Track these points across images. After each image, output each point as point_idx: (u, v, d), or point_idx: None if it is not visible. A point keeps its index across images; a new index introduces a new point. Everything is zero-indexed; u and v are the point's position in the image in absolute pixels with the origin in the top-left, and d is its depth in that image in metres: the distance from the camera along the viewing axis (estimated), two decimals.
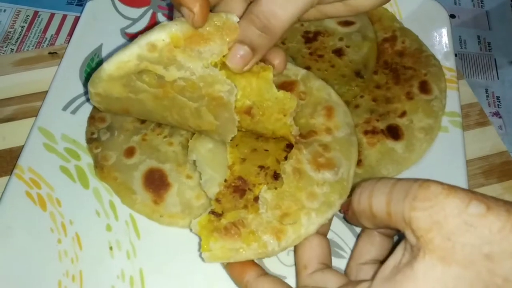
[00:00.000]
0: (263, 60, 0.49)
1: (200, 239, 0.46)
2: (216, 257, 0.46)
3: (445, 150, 0.59)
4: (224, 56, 0.46)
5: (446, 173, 0.56)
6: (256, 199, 0.48)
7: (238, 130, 0.51)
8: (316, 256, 0.46)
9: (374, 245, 0.46)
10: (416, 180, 0.37)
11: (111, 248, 0.54)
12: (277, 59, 0.50)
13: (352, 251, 0.48)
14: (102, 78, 0.48)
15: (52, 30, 0.80)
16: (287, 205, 0.47)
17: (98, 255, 0.54)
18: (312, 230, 0.46)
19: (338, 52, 0.65)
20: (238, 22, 0.46)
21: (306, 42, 0.66)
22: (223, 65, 0.47)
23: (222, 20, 0.46)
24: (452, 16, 0.85)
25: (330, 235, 0.52)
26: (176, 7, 0.46)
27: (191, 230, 0.48)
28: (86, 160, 0.60)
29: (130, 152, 0.59)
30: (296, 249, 0.48)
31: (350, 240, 0.55)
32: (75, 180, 0.59)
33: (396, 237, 0.48)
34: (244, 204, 0.48)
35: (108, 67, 0.47)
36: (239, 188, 0.49)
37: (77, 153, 0.61)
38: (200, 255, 0.46)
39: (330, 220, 0.49)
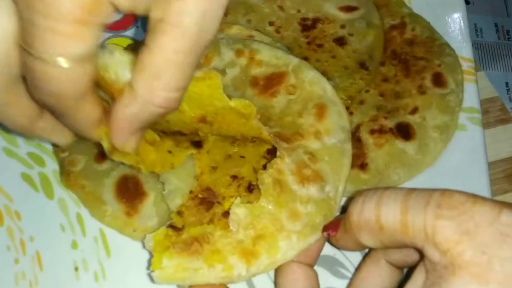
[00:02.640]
0: None
1: (152, 256, 0.41)
2: (168, 277, 0.41)
3: (463, 151, 0.55)
4: None
5: (465, 177, 0.53)
6: (225, 214, 0.43)
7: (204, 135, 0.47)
8: None
9: (381, 276, 0.42)
10: (434, 189, 0.34)
11: (76, 268, 0.49)
12: None
13: (354, 276, 0.44)
14: None
15: None
16: (263, 224, 0.42)
17: (61, 277, 0.49)
18: (290, 256, 0.42)
19: (340, 41, 0.60)
20: None
21: (304, 30, 0.62)
22: None
23: None
24: (466, 2, 0.78)
25: (332, 251, 0.49)
26: None
27: (143, 246, 0.43)
28: (52, 167, 0.55)
29: (101, 157, 0.53)
30: (276, 277, 0.44)
31: (355, 257, 0.50)
32: (38, 189, 0.53)
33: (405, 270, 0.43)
34: (210, 218, 0.44)
35: None
36: (205, 200, 0.45)
37: (42, 158, 0.55)
38: (149, 274, 0.42)
39: (320, 247, 0.45)
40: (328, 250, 0.48)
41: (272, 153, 0.47)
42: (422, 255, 0.34)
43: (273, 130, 0.47)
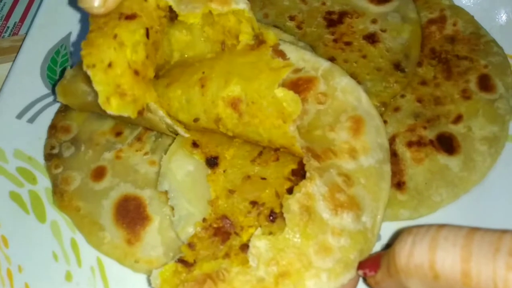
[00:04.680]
0: None
1: None
2: None
3: None
4: None
5: None
6: (244, 247, 0.40)
7: (223, 133, 0.45)
8: None
9: None
10: (503, 231, 0.31)
11: None
12: None
13: None
14: None
15: (15, 18, 0.72)
16: (288, 260, 0.38)
17: None
18: None
19: (371, 38, 0.57)
20: None
21: (329, 25, 0.58)
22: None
23: None
24: None
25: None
26: None
27: (149, 283, 0.41)
28: (44, 184, 0.52)
29: (99, 174, 0.50)
30: None
31: None
32: (28, 210, 0.51)
33: None
34: (225, 252, 0.41)
35: None
36: (221, 231, 0.42)
37: (33, 174, 0.53)
38: None
39: (353, 286, 0.40)
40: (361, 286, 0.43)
41: (297, 174, 0.43)
42: None
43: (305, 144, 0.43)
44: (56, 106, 0.55)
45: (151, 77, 0.43)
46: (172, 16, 0.47)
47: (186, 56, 0.47)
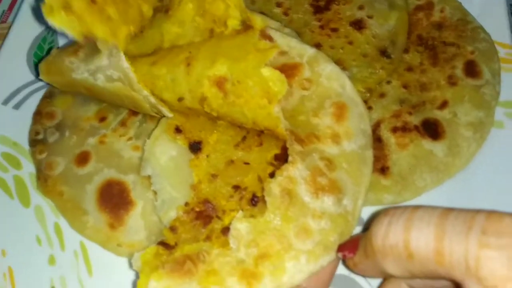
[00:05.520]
0: None
1: (138, 277, 0.39)
2: None
3: (500, 152, 0.51)
4: None
5: (503, 183, 0.49)
6: (225, 230, 0.40)
7: (208, 114, 0.44)
8: None
9: None
10: (477, 211, 0.31)
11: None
12: None
13: None
14: None
15: (4, 6, 0.72)
16: (268, 242, 0.38)
17: None
18: (298, 280, 0.38)
19: (358, 25, 0.57)
20: None
21: (316, 12, 0.58)
22: None
23: None
24: None
25: (346, 271, 0.45)
26: None
27: (130, 266, 0.40)
28: (29, 169, 0.52)
29: (83, 159, 0.50)
30: None
31: (374, 279, 0.45)
32: (13, 195, 0.51)
33: None
34: (207, 235, 0.41)
35: None
36: (203, 215, 0.42)
37: (18, 159, 0.53)
38: None
39: (333, 270, 0.41)
40: (342, 269, 0.44)
41: (280, 159, 0.43)
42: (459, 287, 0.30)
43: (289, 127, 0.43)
44: (41, 93, 0.55)
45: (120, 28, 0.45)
46: (166, 8, 0.47)
47: (176, 44, 0.48)
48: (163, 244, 0.40)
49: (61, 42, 0.59)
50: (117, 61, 0.44)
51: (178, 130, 0.46)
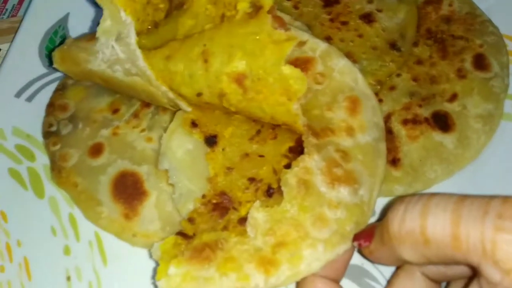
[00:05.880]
0: None
1: (158, 264, 0.39)
2: (175, 287, 0.38)
3: (509, 144, 0.51)
4: None
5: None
6: (242, 221, 0.41)
7: (226, 108, 0.45)
8: None
9: None
10: (492, 196, 0.31)
11: (68, 278, 0.46)
12: None
13: None
14: None
15: (14, 0, 0.71)
16: (285, 230, 0.39)
17: (51, 287, 0.46)
18: (315, 268, 0.38)
19: (367, 18, 0.57)
20: None
21: (326, 5, 0.58)
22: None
23: None
24: None
25: (360, 261, 0.45)
26: None
27: (150, 256, 0.41)
28: (43, 161, 0.52)
29: (96, 150, 0.50)
30: None
31: (387, 268, 0.45)
32: (27, 187, 0.50)
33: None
34: (224, 225, 0.42)
35: None
36: (219, 206, 0.43)
37: (32, 151, 0.53)
38: (154, 284, 0.40)
39: (348, 259, 0.41)
40: (356, 259, 0.44)
41: (294, 151, 0.44)
42: (475, 272, 0.31)
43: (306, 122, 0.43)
44: (53, 85, 0.55)
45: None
46: (181, 3, 0.48)
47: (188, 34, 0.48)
48: (182, 234, 0.41)
49: (73, 35, 0.59)
50: (134, 60, 0.43)
51: (194, 124, 0.46)
